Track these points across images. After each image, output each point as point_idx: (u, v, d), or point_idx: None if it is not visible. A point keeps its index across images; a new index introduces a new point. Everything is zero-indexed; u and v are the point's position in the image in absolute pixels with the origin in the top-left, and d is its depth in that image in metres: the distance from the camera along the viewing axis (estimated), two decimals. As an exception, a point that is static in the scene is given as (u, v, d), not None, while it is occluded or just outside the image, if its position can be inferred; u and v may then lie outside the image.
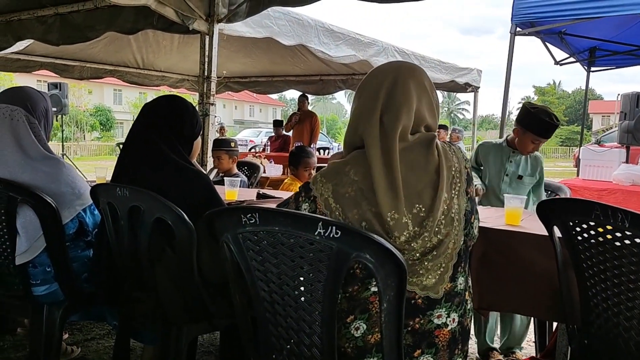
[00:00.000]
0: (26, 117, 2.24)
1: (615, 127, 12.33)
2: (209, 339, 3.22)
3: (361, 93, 1.62)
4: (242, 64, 7.51)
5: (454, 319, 1.53)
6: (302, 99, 9.24)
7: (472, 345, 3.19)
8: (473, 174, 1.66)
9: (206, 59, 4.13)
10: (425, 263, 1.47)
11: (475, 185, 2.41)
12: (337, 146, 17.21)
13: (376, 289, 1.45)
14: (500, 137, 5.88)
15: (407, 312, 1.44)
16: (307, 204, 1.56)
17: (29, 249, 2.15)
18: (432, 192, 1.49)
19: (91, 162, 18.32)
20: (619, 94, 6.80)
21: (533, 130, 2.95)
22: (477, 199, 2.80)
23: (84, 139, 31.39)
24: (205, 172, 2.97)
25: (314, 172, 4.00)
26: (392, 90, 1.55)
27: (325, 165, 1.68)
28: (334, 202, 1.50)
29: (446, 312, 1.51)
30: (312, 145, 8.63)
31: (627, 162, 5.65)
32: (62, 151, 12.04)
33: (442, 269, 1.49)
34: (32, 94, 2.35)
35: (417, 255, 1.47)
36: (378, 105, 1.55)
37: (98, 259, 2.17)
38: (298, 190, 1.60)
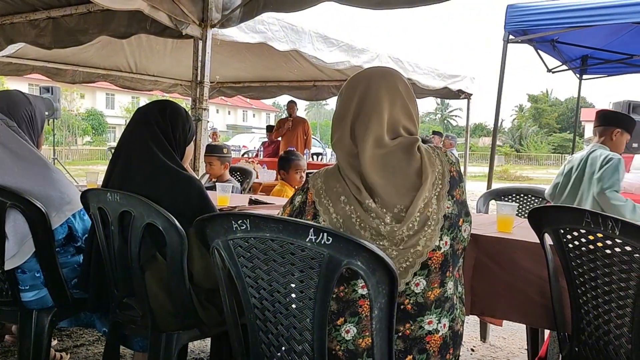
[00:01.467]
0: (3, 121, 2.21)
1: (607, 134, 12.36)
2: (200, 346, 3.20)
3: (338, 101, 1.66)
4: (235, 69, 7.51)
5: (444, 324, 1.53)
6: (292, 105, 9.18)
7: (465, 353, 3.19)
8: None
9: (199, 64, 4.13)
10: (390, 250, 1.49)
11: None
12: (331, 152, 17.20)
13: (364, 292, 1.48)
14: (493, 143, 5.92)
15: (397, 318, 1.44)
16: (300, 195, 1.65)
17: (17, 253, 2.12)
18: (413, 193, 1.51)
19: (83, 167, 18.24)
20: (610, 102, 6.86)
21: (631, 131, 3.23)
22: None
23: (76, 143, 31.30)
24: (197, 177, 2.95)
25: (304, 175, 3.99)
26: (363, 99, 1.58)
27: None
28: (325, 193, 1.57)
29: (437, 318, 1.52)
30: (306, 151, 8.62)
31: (618, 169, 5.68)
32: (54, 155, 11.98)
33: (408, 263, 1.49)
34: (13, 97, 2.30)
35: (386, 243, 1.50)
36: (349, 115, 1.59)
37: (88, 265, 2.16)
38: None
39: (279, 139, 9.42)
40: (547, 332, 2.68)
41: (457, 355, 1.60)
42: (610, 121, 3.26)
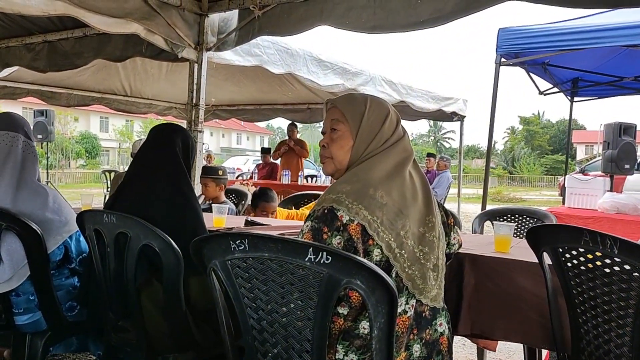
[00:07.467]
0: (29, 143, 2.26)
1: (599, 156, 12.44)
2: (195, 370, 3.14)
3: (380, 117, 1.66)
4: (230, 92, 7.54)
5: (444, 325, 1.64)
6: (292, 128, 9.23)
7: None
8: None
9: (195, 87, 4.15)
10: (434, 273, 1.58)
11: None
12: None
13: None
14: (487, 165, 5.92)
15: (419, 325, 1.55)
16: (337, 237, 1.45)
17: (14, 276, 2.10)
18: (431, 204, 1.63)
19: (76, 190, 18.14)
20: (601, 124, 6.91)
21: None
22: None
23: (69, 166, 31.14)
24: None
25: (271, 216, 3.73)
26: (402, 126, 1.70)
27: (315, 192, 1.70)
28: (380, 223, 1.48)
29: (445, 320, 1.63)
30: (300, 174, 8.65)
31: (611, 190, 5.69)
32: (47, 178, 11.93)
33: (440, 281, 1.61)
34: (24, 120, 2.36)
35: (430, 265, 1.56)
36: (405, 135, 1.68)
37: (86, 287, 2.14)
38: (313, 225, 1.47)
39: (277, 161, 9.49)
40: (544, 353, 2.66)
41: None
42: None
